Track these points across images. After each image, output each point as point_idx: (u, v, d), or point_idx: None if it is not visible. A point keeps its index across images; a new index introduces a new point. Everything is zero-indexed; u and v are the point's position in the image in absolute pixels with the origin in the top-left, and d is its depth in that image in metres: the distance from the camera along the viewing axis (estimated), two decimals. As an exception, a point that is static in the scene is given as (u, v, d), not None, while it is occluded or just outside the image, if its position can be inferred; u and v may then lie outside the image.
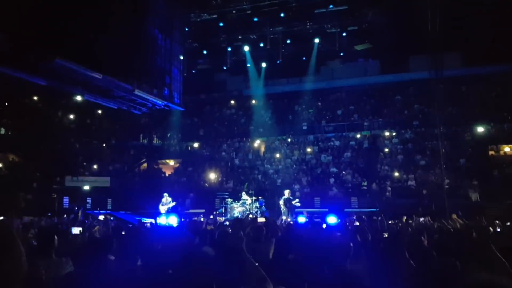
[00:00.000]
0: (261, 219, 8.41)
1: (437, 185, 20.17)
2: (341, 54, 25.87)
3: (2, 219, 12.29)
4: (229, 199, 19.23)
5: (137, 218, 16.75)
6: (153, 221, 14.12)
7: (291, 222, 12.51)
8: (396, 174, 22.32)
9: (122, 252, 3.90)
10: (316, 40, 24.96)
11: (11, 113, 26.01)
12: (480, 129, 23.72)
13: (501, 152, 23.18)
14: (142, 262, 3.52)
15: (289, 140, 28.34)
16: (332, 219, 10.94)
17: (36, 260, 3.50)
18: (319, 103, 29.65)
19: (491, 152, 23.08)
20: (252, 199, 18.25)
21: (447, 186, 19.97)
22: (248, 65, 27.46)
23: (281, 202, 17.01)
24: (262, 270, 2.57)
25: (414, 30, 22.83)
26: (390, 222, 12.27)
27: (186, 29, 24.30)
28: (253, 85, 28.85)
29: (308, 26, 23.94)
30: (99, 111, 26.90)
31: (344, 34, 23.89)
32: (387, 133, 26.22)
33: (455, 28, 22.32)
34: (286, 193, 17.25)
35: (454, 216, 10.30)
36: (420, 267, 3.19)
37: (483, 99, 25.03)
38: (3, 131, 26.94)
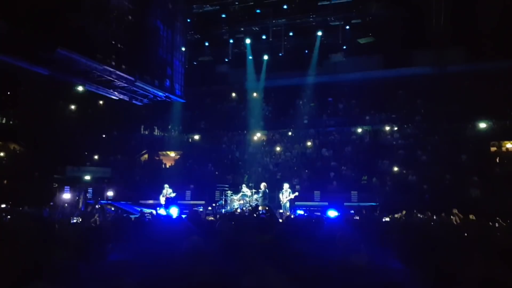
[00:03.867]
0: (262, 208, 8.41)
1: (438, 181, 20.17)
2: (344, 47, 25.71)
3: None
4: (229, 191, 19.28)
5: (138, 209, 16.82)
6: (154, 211, 14.18)
7: (292, 216, 12.55)
8: (397, 169, 22.30)
9: (123, 241, 3.90)
10: (319, 33, 24.80)
11: (13, 103, 25.96)
12: (482, 125, 23.65)
13: (503, 149, 23.13)
14: (143, 252, 3.52)
15: (289, 133, 28.29)
16: (332, 213, 10.97)
17: (37, 250, 3.51)
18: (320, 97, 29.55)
19: (493, 148, 23.02)
20: (252, 192, 18.31)
21: (447, 182, 20.00)
22: (250, 57, 27.32)
23: (281, 195, 17.06)
24: (264, 261, 2.56)
25: (418, 24, 22.72)
26: (390, 216, 12.30)
27: (188, 20, 24.16)
28: (254, 78, 28.72)
29: (311, 19, 23.79)
30: (101, 102, 26.82)
31: (347, 27, 23.74)
32: (388, 128, 26.15)
33: (459, 23, 22.20)
34: (286, 186, 17.28)
35: (455, 211, 10.28)
36: (421, 261, 3.19)
37: (486, 95, 24.90)
38: (4, 121, 26.95)
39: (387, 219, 12.26)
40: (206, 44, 26.71)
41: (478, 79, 24.59)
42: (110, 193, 21.49)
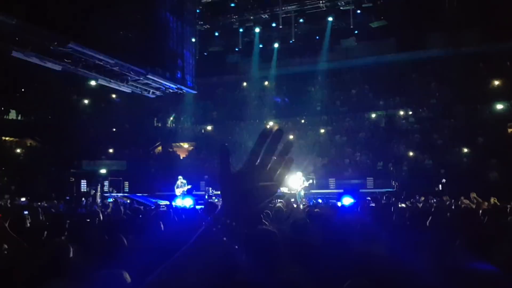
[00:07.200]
0: (280, 202, 8.35)
1: (455, 165, 19.87)
2: (356, 32, 25.33)
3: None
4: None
5: (153, 201, 16.96)
6: (168, 203, 14.28)
7: (307, 205, 12.48)
8: (413, 153, 22.01)
9: (139, 233, 3.89)
10: (330, 19, 24.46)
11: (28, 99, 26.30)
12: (499, 107, 23.16)
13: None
14: (157, 245, 3.50)
15: (302, 121, 28.12)
16: (347, 200, 10.87)
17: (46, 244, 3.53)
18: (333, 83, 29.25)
19: (510, 130, 22.56)
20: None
21: (465, 166, 19.69)
22: (260, 46, 27.15)
23: (295, 184, 16.97)
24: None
25: (431, 6, 22.23)
26: (407, 202, 12.17)
27: (197, 10, 24.03)
28: (265, 66, 28.54)
29: (321, 4, 23.46)
30: (113, 95, 27.03)
31: (358, 12, 23.35)
32: (403, 112, 25.79)
33: (473, 3, 21.66)
34: (299, 174, 17.16)
35: (473, 194, 10.09)
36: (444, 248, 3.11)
37: (502, 76, 24.34)
38: (20, 117, 27.35)
39: (403, 205, 12.12)
40: (216, 34, 26.60)
41: (493, 60, 24.04)
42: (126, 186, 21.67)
